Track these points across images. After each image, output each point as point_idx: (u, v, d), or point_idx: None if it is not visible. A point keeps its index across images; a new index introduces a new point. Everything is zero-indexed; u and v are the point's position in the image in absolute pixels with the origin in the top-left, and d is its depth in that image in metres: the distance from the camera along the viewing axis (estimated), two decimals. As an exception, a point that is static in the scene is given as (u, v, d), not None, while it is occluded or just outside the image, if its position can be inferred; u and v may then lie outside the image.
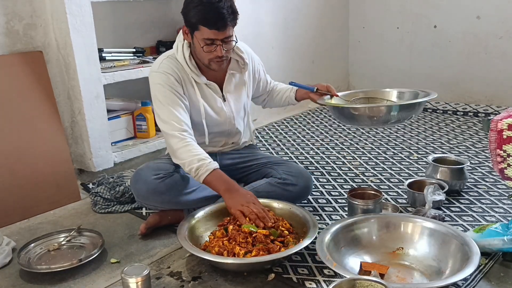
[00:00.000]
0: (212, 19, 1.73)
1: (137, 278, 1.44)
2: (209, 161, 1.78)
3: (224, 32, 1.76)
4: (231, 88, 2.03)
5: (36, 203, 2.18)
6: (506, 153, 1.61)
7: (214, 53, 1.80)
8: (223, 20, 1.74)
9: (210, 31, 1.75)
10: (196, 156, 1.78)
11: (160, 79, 1.86)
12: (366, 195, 1.98)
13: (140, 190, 1.90)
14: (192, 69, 1.89)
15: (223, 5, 1.73)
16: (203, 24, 1.74)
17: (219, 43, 1.78)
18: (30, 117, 2.24)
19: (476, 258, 1.47)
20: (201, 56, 1.84)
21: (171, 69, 1.88)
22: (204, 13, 1.72)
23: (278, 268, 1.64)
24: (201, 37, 1.77)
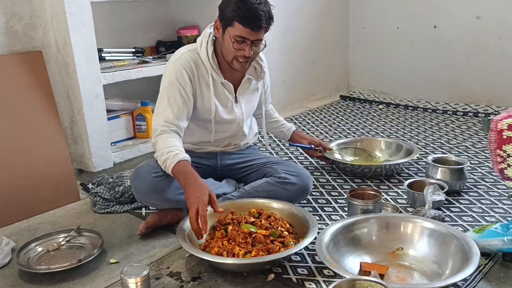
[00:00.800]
0: (249, 18, 1.76)
1: (136, 278, 1.44)
2: (176, 153, 1.74)
3: (257, 34, 1.80)
4: (245, 91, 2.05)
5: (36, 203, 2.18)
6: (506, 153, 1.61)
7: (241, 52, 1.82)
8: (259, 22, 1.77)
9: (244, 29, 1.77)
10: (165, 148, 1.75)
11: (173, 72, 1.88)
12: (366, 195, 1.98)
13: (140, 187, 1.90)
14: (214, 66, 1.91)
15: (263, 7, 1.77)
16: (239, 21, 1.77)
17: (249, 43, 1.81)
18: (30, 117, 2.24)
19: (476, 259, 1.47)
20: (228, 52, 1.86)
21: (189, 64, 1.89)
22: (243, 11, 1.75)
23: (278, 268, 1.64)
24: (234, 33, 1.79)
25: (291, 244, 1.65)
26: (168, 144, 1.77)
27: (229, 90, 2.00)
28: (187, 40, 3.08)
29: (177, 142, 1.80)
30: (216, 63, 1.92)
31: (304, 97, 4.04)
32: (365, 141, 2.76)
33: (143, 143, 2.70)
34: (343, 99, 4.28)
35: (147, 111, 2.75)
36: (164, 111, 1.85)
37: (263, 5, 1.78)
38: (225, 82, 1.96)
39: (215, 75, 1.92)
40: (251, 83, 2.06)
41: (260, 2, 1.78)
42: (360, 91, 4.35)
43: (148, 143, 2.71)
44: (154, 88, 3.00)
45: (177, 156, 1.74)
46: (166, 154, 1.75)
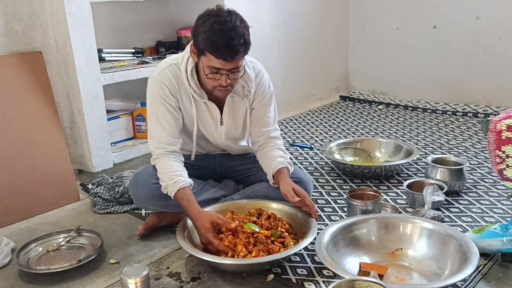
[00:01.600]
0: (220, 48, 1.61)
1: (136, 278, 1.44)
2: (174, 181, 1.74)
3: (232, 63, 1.65)
4: (230, 111, 1.91)
5: (35, 204, 2.18)
6: (505, 154, 1.61)
7: (218, 81, 1.70)
8: (232, 51, 1.62)
9: (217, 60, 1.63)
10: (164, 175, 1.77)
11: (155, 88, 1.81)
12: (365, 196, 1.98)
13: (139, 194, 1.89)
14: (192, 85, 1.79)
15: (235, 35, 1.60)
16: (210, 52, 1.62)
17: (224, 72, 1.67)
18: (30, 117, 2.24)
19: (475, 259, 1.47)
20: (205, 82, 1.76)
21: (169, 79, 1.80)
22: (213, 41, 1.60)
23: (277, 268, 1.64)
24: (207, 64, 1.67)
25: (291, 245, 1.65)
26: (166, 170, 1.77)
27: (213, 110, 1.88)
28: (186, 40, 3.08)
29: (174, 166, 1.78)
30: (196, 82, 1.79)
31: (303, 98, 4.04)
32: (365, 141, 2.76)
33: (143, 144, 2.69)
34: (342, 100, 4.28)
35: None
36: (156, 131, 1.82)
37: (235, 31, 1.60)
38: (208, 102, 1.85)
39: (195, 94, 1.81)
40: (236, 101, 1.90)
41: (232, 27, 1.60)
42: (359, 91, 4.35)
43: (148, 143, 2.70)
44: (154, 89, 3.01)
45: (176, 184, 1.74)
46: (166, 182, 1.76)
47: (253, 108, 1.95)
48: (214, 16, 1.62)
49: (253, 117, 1.96)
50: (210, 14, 1.64)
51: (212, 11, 1.65)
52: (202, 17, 1.66)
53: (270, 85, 1.97)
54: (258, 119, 1.96)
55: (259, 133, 1.97)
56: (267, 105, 1.96)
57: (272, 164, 1.89)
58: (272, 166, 1.88)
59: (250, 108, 1.95)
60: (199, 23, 1.66)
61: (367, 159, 2.62)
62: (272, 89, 1.98)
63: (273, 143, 1.97)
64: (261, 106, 1.95)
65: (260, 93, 1.93)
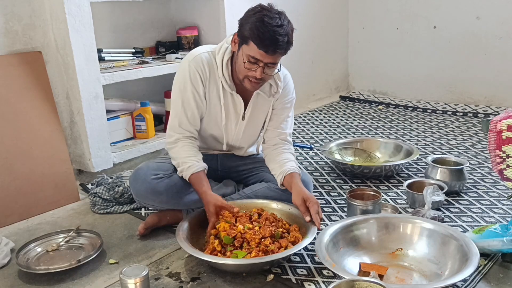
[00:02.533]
0: (265, 40, 1.65)
1: (135, 279, 1.44)
2: (188, 165, 1.82)
3: (271, 57, 1.70)
4: (255, 108, 1.94)
5: (35, 204, 2.18)
6: (506, 154, 1.61)
7: (252, 72, 1.73)
8: (275, 46, 1.67)
9: (259, 50, 1.67)
10: (181, 159, 1.84)
11: (187, 72, 1.84)
12: (365, 196, 1.98)
13: (139, 189, 1.89)
14: (225, 75, 1.83)
15: (282, 31, 1.66)
16: (254, 41, 1.67)
17: (262, 64, 1.71)
18: (29, 117, 2.24)
19: (475, 259, 1.47)
20: (239, 70, 1.78)
21: (202, 65, 1.84)
22: (260, 32, 1.65)
23: (277, 269, 1.64)
24: (247, 52, 1.70)
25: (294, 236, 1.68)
26: (183, 154, 1.85)
27: (238, 103, 1.91)
28: (186, 40, 3.08)
29: (191, 150, 1.86)
30: (229, 72, 1.84)
31: (304, 98, 4.04)
32: (365, 141, 2.76)
33: (142, 144, 2.69)
34: (342, 100, 4.28)
35: (147, 112, 2.74)
36: (178, 115, 1.87)
37: (283, 28, 1.66)
38: (235, 94, 1.88)
39: (226, 84, 1.85)
40: (262, 100, 1.94)
41: (280, 24, 1.66)
42: (359, 91, 4.35)
43: (148, 143, 2.71)
44: (154, 89, 3.02)
45: (190, 169, 1.82)
46: (182, 166, 1.84)
47: (274, 109, 1.99)
48: (265, 11, 1.69)
49: (273, 118, 2.00)
50: (262, 8, 1.71)
51: (264, 6, 1.72)
52: (253, 9, 1.72)
53: (294, 91, 2.02)
54: (277, 120, 1.99)
55: (276, 133, 2.00)
56: (288, 109, 2.01)
57: (285, 166, 1.89)
58: (284, 168, 1.89)
59: (272, 108, 1.98)
60: (249, 13, 1.72)
61: (367, 159, 2.62)
62: (294, 96, 2.03)
63: (287, 146, 2.00)
64: (282, 108, 1.99)
65: (284, 95, 1.97)
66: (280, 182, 1.90)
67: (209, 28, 3.12)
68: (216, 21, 3.05)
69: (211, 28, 3.10)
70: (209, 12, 3.08)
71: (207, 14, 3.10)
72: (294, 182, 1.83)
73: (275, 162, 1.94)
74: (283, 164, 1.90)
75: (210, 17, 3.09)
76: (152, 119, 2.78)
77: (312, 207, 1.73)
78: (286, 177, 1.87)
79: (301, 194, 1.77)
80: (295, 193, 1.80)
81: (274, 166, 1.95)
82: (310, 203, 1.74)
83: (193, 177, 1.82)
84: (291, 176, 1.86)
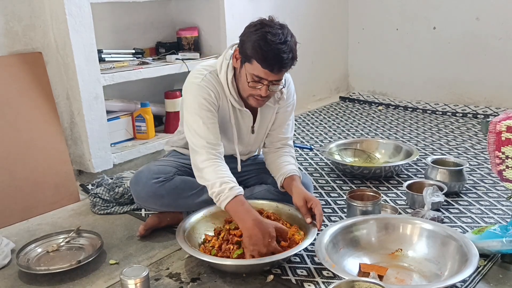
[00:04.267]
0: (270, 59, 1.60)
1: (136, 279, 1.44)
2: (231, 186, 1.67)
3: (276, 75, 1.65)
4: (262, 120, 1.92)
5: (35, 204, 2.18)
6: (505, 155, 1.61)
7: (257, 91, 1.69)
8: (280, 64, 1.62)
9: (263, 70, 1.62)
10: (219, 179, 1.67)
11: (200, 93, 1.75)
12: (365, 197, 1.99)
13: (140, 193, 1.89)
14: (233, 93, 1.78)
15: (286, 48, 1.60)
16: (258, 60, 1.61)
17: (266, 83, 1.66)
18: (29, 118, 2.24)
19: (474, 260, 1.47)
20: (243, 89, 1.73)
21: (214, 85, 1.77)
22: (263, 51, 1.59)
23: (277, 269, 1.64)
24: (251, 71, 1.65)
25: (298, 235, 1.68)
26: (220, 174, 1.69)
27: (247, 118, 1.88)
28: (186, 41, 3.09)
29: (227, 171, 1.73)
30: (235, 89, 1.78)
31: (303, 98, 4.03)
32: (365, 142, 2.77)
33: (142, 144, 2.70)
34: (342, 100, 4.28)
35: (147, 112, 2.75)
36: (203, 132, 1.73)
37: (287, 45, 1.60)
38: (244, 110, 1.84)
39: (234, 102, 1.80)
40: (268, 110, 1.91)
41: (284, 40, 1.60)
42: (359, 92, 4.35)
43: (148, 144, 2.71)
44: (154, 89, 3.02)
45: (233, 190, 1.66)
46: (220, 187, 1.66)
47: (277, 113, 1.96)
48: (267, 27, 1.62)
49: (274, 122, 1.97)
50: (263, 23, 1.64)
51: (265, 21, 1.65)
52: (254, 25, 1.65)
53: (294, 94, 1.99)
54: (278, 124, 1.97)
55: (277, 138, 1.98)
56: (289, 113, 1.98)
57: (286, 168, 1.88)
58: (284, 170, 1.88)
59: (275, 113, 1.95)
60: (250, 30, 1.65)
61: (367, 160, 2.62)
62: (295, 99, 2.00)
63: (288, 149, 1.99)
64: (283, 112, 1.96)
65: (286, 99, 1.93)
66: (280, 184, 1.89)
67: (209, 29, 3.12)
68: (216, 22, 3.06)
69: (211, 28, 3.11)
70: (209, 13, 3.08)
71: (207, 15, 3.10)
72: (294, 184, 1.82)
73: (276, 165, 1.94)
74: (284, 167, 1.90)
75: (210, 18, 3.09)
76: (152, 119, 2.78)
77: (316, 207, 1.72)
78: (286, 179, 1.86)
79: (302, 195, 1.77)
80: (296, 194, 1.79)
81: (274, 168, 1.94)
82: (313, 204, 1.73)
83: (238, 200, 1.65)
84: (291, 178, 1.85)
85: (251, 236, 1.59)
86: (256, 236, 1.58)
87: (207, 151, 1.72)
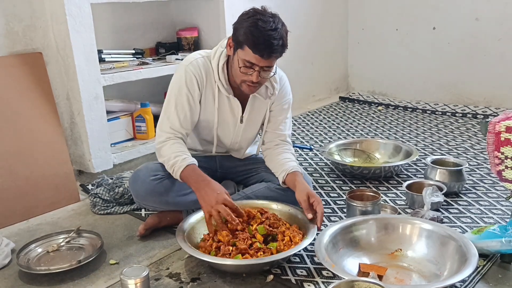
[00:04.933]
0: (260, 45, 1.67)
1: (136, 279, 1.44)
2: (184, 157, 1.77)
3: (267, 61, 1.71)
4: (252, 110, 1.95)
5: (35, 204, 2.18)
6: (504, 155, 1.61)
7: (249, 77, 1.74)
8: (270, 49, 1.68)
9: (254, 55, 1.68)
10: (173, 153, 1.78)
11: (183, 76, 1.83)
12: (364, 197, 1.99)
13: (138, 190, 1.90)
14: (222, 79, 1.83)
15: (276, 35, 1.67)
16: (249, 46, 1.68)
17: (257, 68, 1.72)
18: (30, 118, 2.24)
19: (474, 260, 1.48)
20: (236, 75, 1.79)
21: (199, 70, 1.84)
22: (254, 37, 1.66)
23: (277, 269, 1.65)
24: (243, 57, 1.71)
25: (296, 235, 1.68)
26: (175, 150, 1.79)
27: (235, 107, 1.91)
28: (186, 41, 3.09)
29: (183, 148, 1.82)
30: (225, 76, 1.85)
31: (303, 99, 4.05)
32: (364, 142, 2.77)
33: (142, 144, 2.70)
34: (342, 101, 4.28)
35: (147, 112, 2.75)
36: (170, 117, 1.84)
37: (277, 32, 1.67)
38: (232, 97, 1.88)
39: (222, 88, 1.85)
40: (259, 102, 1.95)
41: (274, 27, 1.67)
42: (359, 92, 4.36)
43: (148, 144, 2.71)
44: (154, 90, 3.03)
45: (186, 160, 1.76)
46: (174, 159, 1.77)
47: (272, 111, 1.99)
48: (259, 14, 1.69)
49: (271, 120, 2.00)
50: (255, 12, 1.71)
51: (257, 10, 1.72)
52: (247, 13, 1.72)
53: (290, 93, 2.03)
54: (275, 122, 2.00)
55: (275, 135, 2.01)
56: (286, 111, 2.02)
57: (287, 165, 1.90)
58: (286, 166, 1.90)
59: (270, 110, 1.99)
60: (243, 18, 1.72)
61: (366, 160, 2.63)
62: (291, 98, 2.04)
63: (287, 147, 2.01)
64: (280, 110, 2.00)
65: (281, 97, 1.98)
66: (282, 180, 1.90)
67: (209, 29, 3.12)
68: (216, 22, 3.06)
69: (211, 29, 3.11)
70: (209, 13, 3.08)
71: (207, 15, 3.11)
72: (298, 180, 1.84)
73: (276, 162, 1.95)
74: (285, 163, 1.91)
75: (210, 18, 3.09)
76: (152, 120, 2.78)
77: (318, 205, 1.73)
78: (289, 175, 1.87)
79: (305, 191, 1.78)
80: (299, 189, 1.80)
81: (275, 165, 1.95)
82: (315, 201, 1.75)
83: (191, 167, 1.76)
84: (294, 174, 1.86)
85: (202, 196, 1.68)
86: (206, 194, 1.67)
87: (168, 135, 1.82)
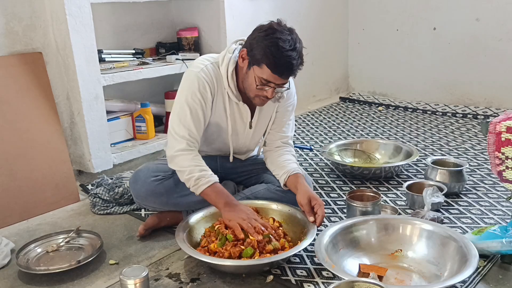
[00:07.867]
0: (281, 66, 1.66)
1: (135, 279, 1.45)
2: (211, 173, 1.76)
3: (284, 80, 1.72)
4: (261, 116, 1.94)
5: (35, 204, 2.18)
6: (505, 156, 1.61)
7: (263, 92, 1.73)
8: (290, 70, 1.68)
9: (272, 75, 1.67)
10: (198, 167, 1.75)
11: (196, 83, 1.78)
12: (365, 197, 1.99)
13: (139, 191, 1.90)
14: (231, 86, 1.81)
15: (296, 55, 1.66)
16: (268, 66, 1.66)
17: (273, 86, 1.71)
18: (29, 118, 2.24)
19: (474, 260, 1.47)
20: (250, 89, 1.76)
21: (211, 77, 1.80)
22: (275, 58, 1.64)
23: (277, 270, 1.64)
24: (260, 75, 1.69)
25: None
26: (198, 163, 1.77)
27: (244, 112, 1.90)
28: (186, 41, 3.09)
29: (203, 162, 1.79)
30: (235, 82, 1.82)
31: (303, 99, 4.04)
32: (365, 142, 2.77)
33: (142, 144, 2.70)
34: (342, 101, 4.28)
35: (147, 113, 2.75)
36: (187, 123, 1.78)
37: (296, 52, 1.66)
38: (241, 103, 1.86)
39: (232, 95, 1.83)
40: (268, 106, 1.92)
41: (294, 47, 1.66)
42: (359, 92, 4.36)
43: (148, 144, 2.71)
44: (154, 90, 3.02)
45: (212, 177, 1.75)
46: (199, 172, 1.74)
47: (277, 112, 1.98)
48: (278, 33, 1.66)
49: (275, 121, 1.99)
50: (274, 29, 1.67)
51: (275, 26, 1.68)
52: (265, 30, 1.68)
53: (295, 95, 2.01)
54: (279, 123, 1.99)
55: (278, 136, 2.00)
56: (290, 112, 2.00)
57: (289, 167, 1.90)
58: (288, 168, 1.89)
59: (276, 111, 1.97)
60: (260, 34, 1.68)
61: (366, 161, 2.62)
62: (296, 100, 2.02)
63: (289, 149, 2.01)
64: (284, 111, 1.98)
65: (286, 99, 1.95)
66: (284, 182, 1.89)
67: (209, 29, 3.12)
68: (216, 22, 3.06)
69: (211, 29, 3.11)
70: (209, 13, 3.08)
71: (207, 15, 3.11)
72: (300, 182, 1.83)
73: (277, 163, 1.94)
74: (286, 165, 1.91)
75: (210, 18, 3.09)
76: (152, 120, 2.78)
77: (319, 208, 1.73)
78: (291, 177, 1.87)
79: (307, 194, 1.77)
80: (301, 192, 1.79)
81: (276, 167, 1.95)
82: (316, 204, 1.74)
83: (218, 185, 1.75)
84: (295, 177, 1.86)
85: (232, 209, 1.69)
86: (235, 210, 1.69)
87: (187, 142, 1.77)
